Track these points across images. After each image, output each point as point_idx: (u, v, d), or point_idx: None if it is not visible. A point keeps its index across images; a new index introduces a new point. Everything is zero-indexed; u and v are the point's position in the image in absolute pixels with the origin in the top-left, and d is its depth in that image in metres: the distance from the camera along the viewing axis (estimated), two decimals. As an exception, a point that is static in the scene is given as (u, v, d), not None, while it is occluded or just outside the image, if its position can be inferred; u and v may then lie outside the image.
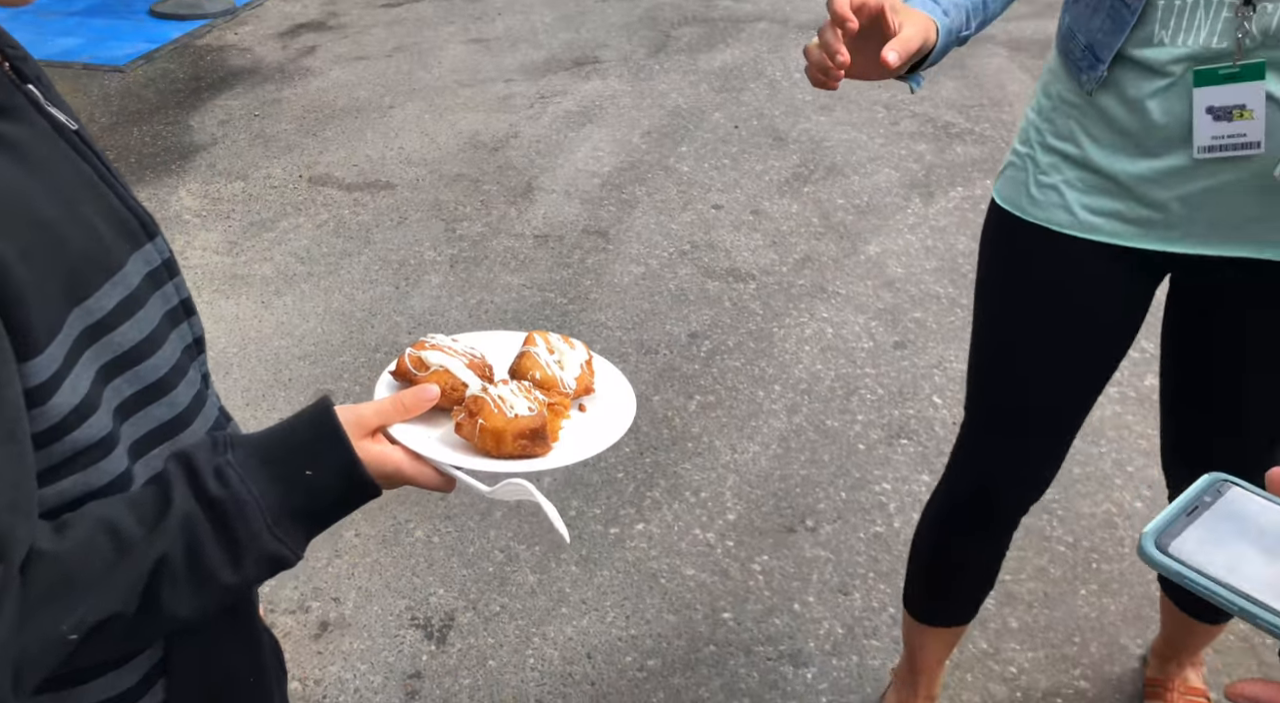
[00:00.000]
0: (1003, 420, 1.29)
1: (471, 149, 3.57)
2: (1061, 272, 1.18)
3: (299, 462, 0.66)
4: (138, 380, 0.67)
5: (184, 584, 0.61)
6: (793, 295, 2.73)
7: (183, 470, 0.64)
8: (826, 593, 1.86)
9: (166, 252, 0.71)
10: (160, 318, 0.69)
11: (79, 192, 0.65)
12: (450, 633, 1.83)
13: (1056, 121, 1.15)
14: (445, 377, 0.77)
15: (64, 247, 0.61)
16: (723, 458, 2.20)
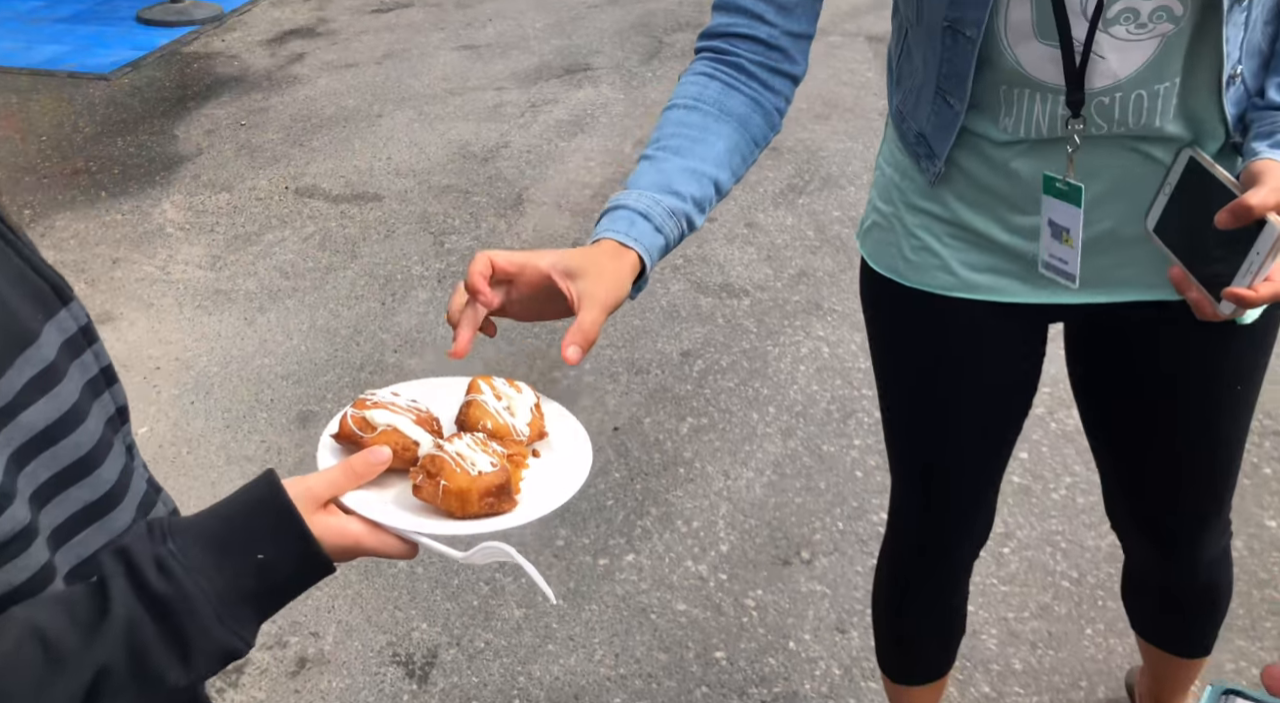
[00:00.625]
0: (916, 481, 1.25)
1: (461, 159, 3.50)
2: (949, 335, 1.10)
3: (248, 545, 0.61)
4: (55, 462, 0.61)
5: (128, 692, 0.56)
6: (788, 312, 2.66)
7: (121, 566, 0.58)
8: (823, 631, 1.79)
9: (84, 317, 0.66)
10: (80, 390, 0.63)
11: None
12: (433, 671, 1.77)
13: (917, 179, 1.05)
14: (394, 436, 0.72)
15: None
16: (715, 485, 2.13)
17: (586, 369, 2.49)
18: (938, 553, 1.29)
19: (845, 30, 4.44)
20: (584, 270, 0.81)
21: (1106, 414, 1.20)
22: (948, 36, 0.93)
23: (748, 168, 0.98)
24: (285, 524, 0.61)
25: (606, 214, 0.89)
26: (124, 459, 0.67)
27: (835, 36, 4.34)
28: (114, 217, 3.27)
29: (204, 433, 2.36)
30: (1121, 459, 1.22)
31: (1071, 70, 0.90)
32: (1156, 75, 0.90)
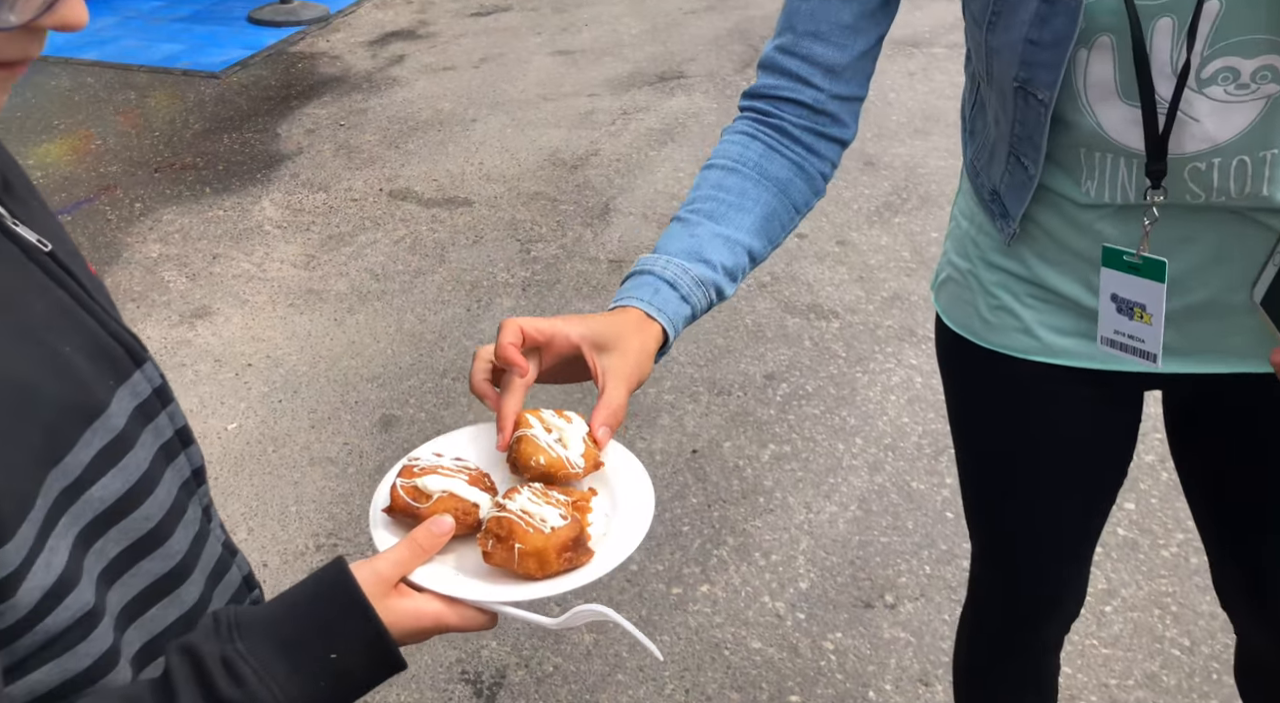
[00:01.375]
0: (996, 555, 1.15)
1: (551, 166, 3.50)
2: (1030, 401, 1.01)
3: (320, 644, 0.57)
4: (125, 536, 0.58)
5: None
6: (879, 337, 2.57)
7: (189, 669, 0.55)
8: (905, 682, 1.71)
9: (158, 379, 0.63)
10: (152, 456, 0.61)
11: (53, 325, 0.56)
12: (500, 692, 1.75)
13: (994, 235, 0.97)
14: (452, 502, 0.68)
15: (36, 403, 0.53)
16: (796, 517, 2.06)
17: (666, 387, 2.45)
18: (1022, 630, 1.20)
19: (949, 42, 4.29)
20: (611, 344, 0.79)
21: (1217, 483, 1.09)
22: (1019, 97, 0.85)
23: (787, 234, 0.93)
24: (357, 617, 0.58)
25: (633, 278, 0.85)
26: (198, 525, 0.65)
27: (938, 48, 4.20)
28: (216, 213, 3.37)
29: (289, 432, 2.40)
30: (1233, 532, 1.11)
31: (1153, 136, 0.81)
32: (1263, 140, 0.80)
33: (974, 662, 1.28)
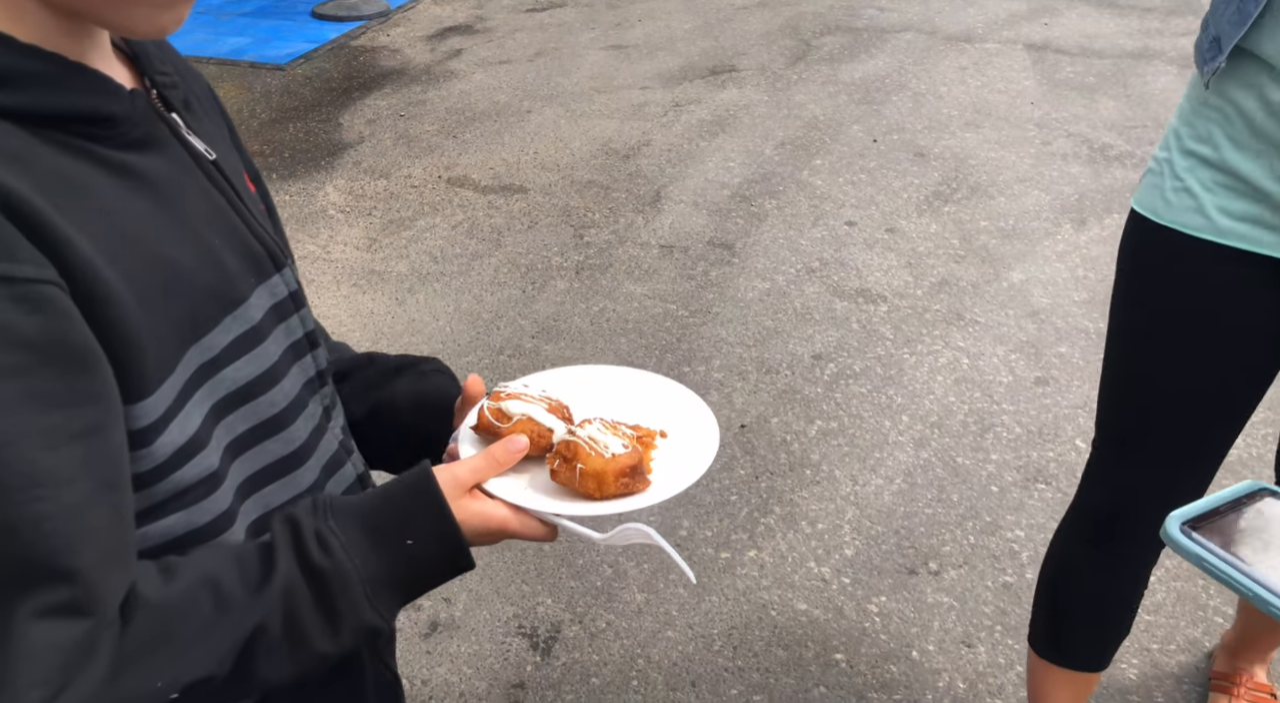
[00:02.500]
0: (1134, 446, 1.21)
1: (603, 156, 3.58)
2: (1194, 279, 1.11)
3: (399, 531, 0.64)
4: (252, 416, 0.66)
5: (279, 652, 0.60)
6: (927, 321, 2.61)
7: (289, 535, 0.62)
8: (948, 643, 1.75)
9: (294, 283, 0.70)
10: (282, 352, 0.68)
11: (209, 222, 0.64)
12: (555, 645, 1.83)
13: (1196, 124, 1.10)
14: (529, 424, 0.75)
15: (186, 283, 0.60)
16: (843, 489, 2.11)
17: (715, 366, 2.51)
18: (1129, 520, 1.24)
19: (1002, 38, 4.30)
20: None
21: None
22: None
23: None
24: (434, 512, 0.65)
25: None
26: (317, 420, 0.72)
27: (991, 43, 4.21)
28: (282, 198, 3.51)
29: (354, 402, 2.51)
30: None
31: None
32: None
33: (1064, 564, 1.33)
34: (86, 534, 0.53)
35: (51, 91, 0.56)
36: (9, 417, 0.50)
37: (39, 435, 0.51)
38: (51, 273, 0.52)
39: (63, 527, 0.52)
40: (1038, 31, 4.36)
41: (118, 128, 0.59)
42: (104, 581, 0.54)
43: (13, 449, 0.50)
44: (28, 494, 0.51)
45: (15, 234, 0.51)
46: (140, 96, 0.62)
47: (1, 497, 0.50)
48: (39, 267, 0.51)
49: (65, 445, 0.52)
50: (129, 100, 0.60)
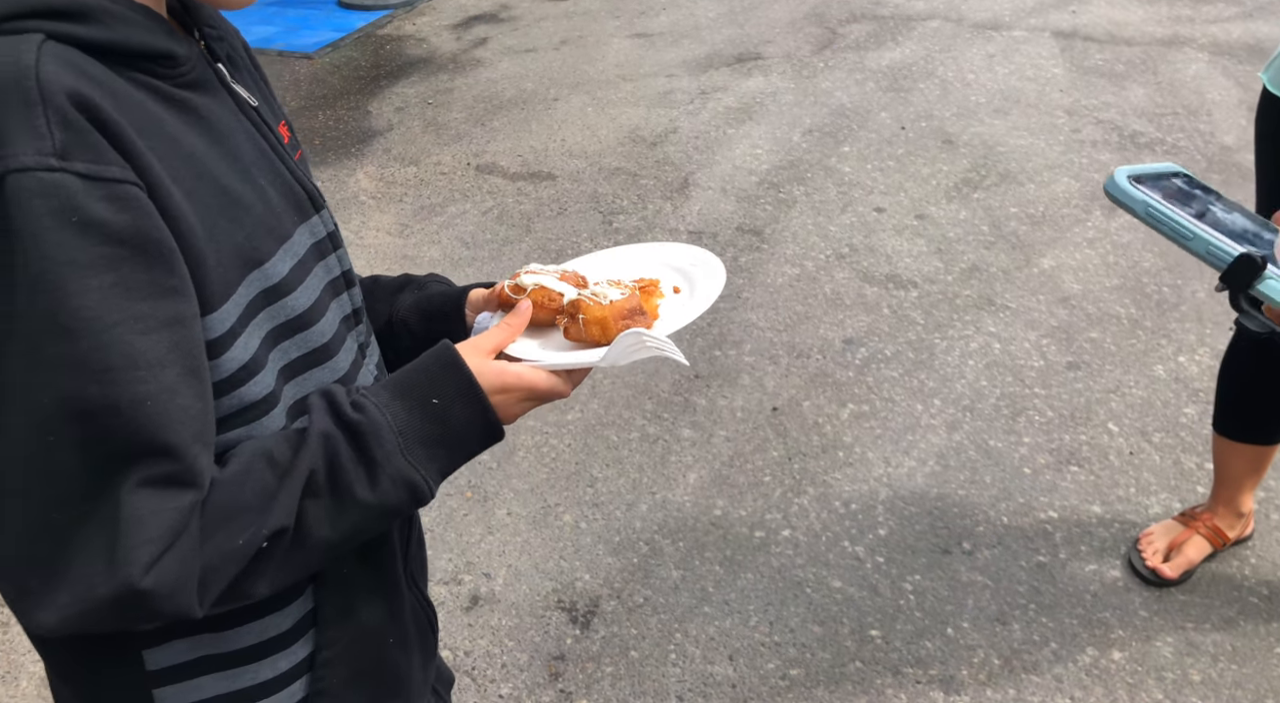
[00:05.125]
0: None
1: (631, 143, 3.60)
2: None
3: (425, 391, 0.69)
4: (304, 345, 0.70)
5: (327, 500, 0.64)
6: (957, 307, 2.62)
7: (323, 401, 0.68)
8: (983, 620, 1.78)
9: (332, 224, 0.75)
10: (323, 287, 0.72)
11: (256, 162, 0.69)
12: (594, 619, 1.86)
13: None
14: (542, 292, 0.82)
15: (244, 213, 0.65)
16: (875, 471, 2.13)
17: (746, 350, 2.54)
18: None
19: (1030, 25, 4.28)
20: None
21: None
22: None
23: None
24: (454, 372, 0.70)
25: None
26: (354, 355, 0.77)
27: (1019, 31, 4.19)
28: (315, 184, 3.55)
29: (390, 384, 2.54)
30: None
31: None
32: None
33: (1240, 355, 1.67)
34: (180, 414, 0.58)
35: (130, 29, 0.61)
36: (106, 305, 0.54)
37: (133, 322, 0.55)
38: (134, 175, 0.56)
39: (161, 406, 0.56)
40: (1065, 19, 4.34)
41: (179, 67, 0.64)
42: (197, 457, 0.59)
43: (112, 334, 0.54)
44: (130, 375, 0.55)
45: (102, 140, 0.55)
46: (193, 44, 0.68)
47: (106, 378, 0.54)
48: (123, 169, 0.56)
49: (155, 332, 0.56)
50: (188, 44, 0.66)
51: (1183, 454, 2.10)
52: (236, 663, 0.71)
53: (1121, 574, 1.84)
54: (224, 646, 0.70)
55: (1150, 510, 1.97)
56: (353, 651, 0.76)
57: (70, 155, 0.54)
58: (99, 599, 0.56)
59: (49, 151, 0.53)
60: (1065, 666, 1.68)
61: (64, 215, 0.53)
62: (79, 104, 0.55)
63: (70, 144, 0.54)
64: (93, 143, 0.55)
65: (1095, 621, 1.76)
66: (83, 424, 0.55)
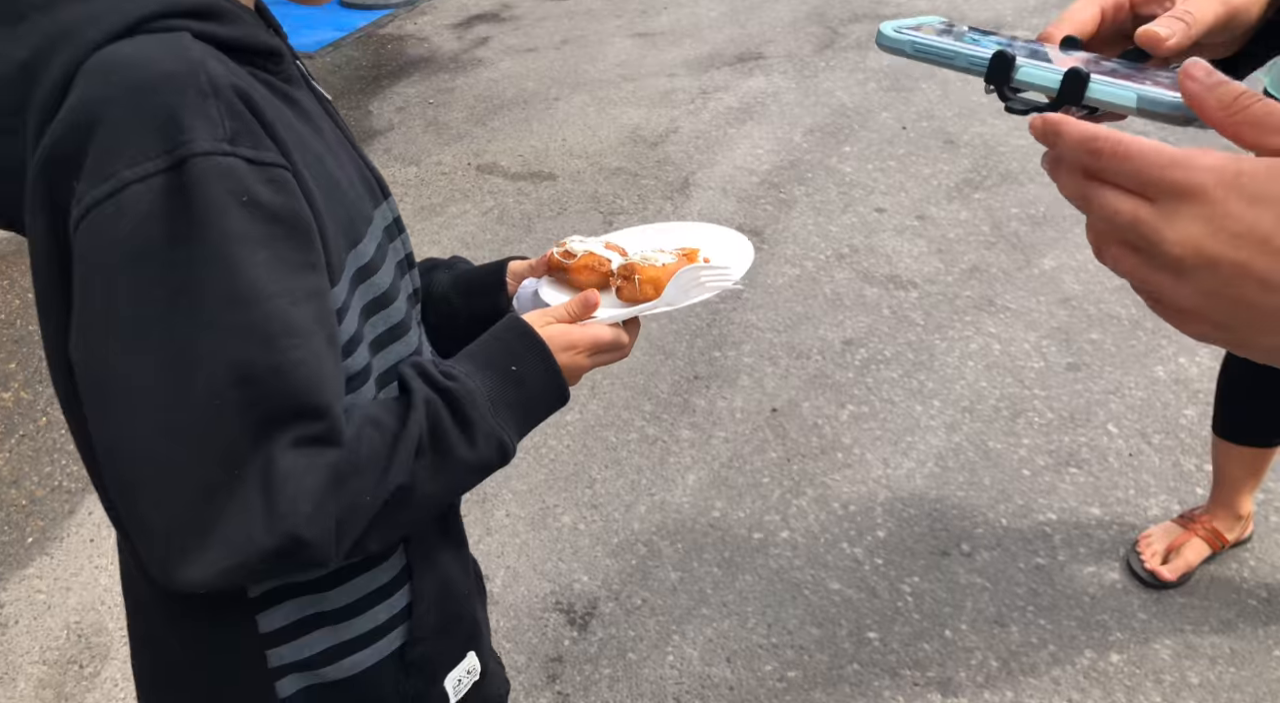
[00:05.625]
0: None
1: (631, 143, 3.60)
2: None
3: (504, 360, 0.76)
4: (387, 321, 0.75)
5: (431, 458, 0.69)
6: (958, 307, 2.61)
7: (416, 371, 0.73)
8: (981, 623, 1.77)
9: (396, 211, 0.80)
10: (394, 267, 0.77)
11: (340, 151, 0.73)
12: (592, 621, 1.86)
13: None
14: (590, 258, 0.88)
15: (343, 195, 0.70)
16: (874, 472, 2.13)
17: (745, 351, 2.53)
18: None
19: (1032, 25, 4.27)
20: None
21: None
22: None
23: None
24: (528, 341, 0.77)
25: None
26: (418, 331, 0.82)
27: (1021, 31, 4.18)
28: (316, 184, 3.56)
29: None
30: None
31: None
32: None
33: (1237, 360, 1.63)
34: (328, 378, 0.63)
35: (251, 28, 0.66)
36: (269, 278, 0.59)
37: (288, 294, 0.60)
38: (284, 160, 0.62)
39: (314, 371, 0.61)
40: (1067, 18, 4.33)
41: (283, 64, 0.70)
42: (339, 418, 0.64)
43: (272, 304, 0.59)
44: (288, 342, 0.60)
45: (259, 128, 0.61)
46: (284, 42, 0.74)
47: (268, 344, 0.59)
48: (277, 154, 0.61)
49: (304, 303, 0.61)
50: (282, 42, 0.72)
51: (1182, 456, 2.09)
52: (342, 618, 0.77)
53: (1120, 577, 1.84)
54: (330, 604, 0.76)
55: (1149, 513, 1.97)
56: (439, 601, 0.82)
57: (238, 141, 0.59)
58: (258, 551, 0.59)
59: (222, 138, 0.58)
60: (1063, 668, 1.68)
61: (236, 196, 0.58)
62: (240, 96, 0.60)
63: (238, 131, 0.59)
64: (254, 130, 0.60)
65: (1093, 623, 1.76)
66: (247, 387, 0.59)
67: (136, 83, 0.57)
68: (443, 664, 0.83)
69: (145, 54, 0.58)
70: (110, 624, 1.90)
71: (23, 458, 2.31)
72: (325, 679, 0.77)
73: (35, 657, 1.84)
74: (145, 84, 0.57)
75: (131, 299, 0.58)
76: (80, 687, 1.78)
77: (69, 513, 2.16)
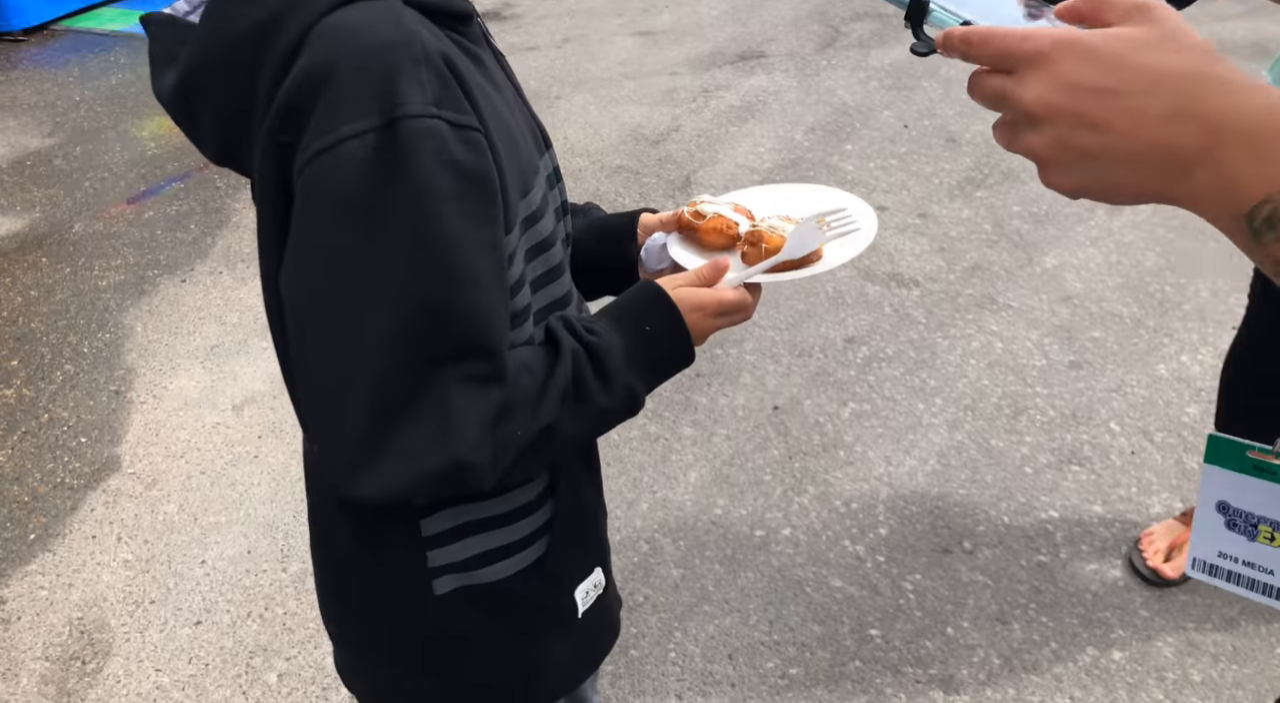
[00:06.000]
0: None
1: (633, 141, 3.60)
2: None
3: (638, 320, 0.82)
4: (546, 263, 0.82)
5: (574, 403, 0.76)
6: (960, 305, 2.61)
7: (563, 326, 0.80)
8: (983, 620, 1.77)
9: (556, 161, 0.87)
10: (553, 214, 0.84)
11: (515, 105, 0.80)
12: (593, 618, 1.86)
13: None
14: (719, 220, 0.93)
15: (518, 148, 0.76)
16: (876, 470, 2.13)
17: (747, 349, 2.53)
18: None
19: (1033, 22, 4.27)
20: None
21: None
22: None
23: None
24: (659, 303, 0.83)
25: None
26: (568, 272, 0.89)
27: None
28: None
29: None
30: None
31: None
32: None
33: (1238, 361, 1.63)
34: (499, 323, 0.71)
35: None
36: (460, 229, 0.67)
37: (475, 245, 0.68)
38: (479, 123, 0.68)
39: (487, 315, 0.69)
40: (1070, 17, 4.33)
41: (471, 26, 0.76)
42: (506, 359, 0.72)
43: (459, 252, 0.67)
44: (470, 288, 0.68)
45: (460, 93, 0.67)
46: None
47: (453, 287, 0.67)
48: (473, 117, 0.68)
49: (487, 254, 0.69)
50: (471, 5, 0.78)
51: (1185, 454, 2.09)
52: (492, 527, 0.85)
53: (1122, 574, 1.84)
54: (484, 512, 0.84)
55: (1151, 510, 1.97)
56: (575, 521, 0.90)
57: (443, 105, 0.65)
58: (426, 473, 0.68)
59: (430, 101, 0.65)
60: (1065, 665, 1.68)
61: (439, 155, 0.65)
62: (446, 62, 0.67)
63: (443, 97, 0.66)
64: (456, 95, 0.67)
65: (1096, 620, 1.75)
66: (431, 323, 0.67)
67: (361, 48, 0.64)
68: (574, 576, 0.92)
69: (369, 22, 0.65)
70: (112, 621, 1.90)
71: (25, 455, 2.32)
72: (476, 581, 0.86)
73: (38, 653, 1.84)
74: (368, 50, 0.64)
75: (337, 237, 0.66)
76: (82, 683, 1.78)
77: (71, 510, 2.16)
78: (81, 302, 2.87)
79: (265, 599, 1.92)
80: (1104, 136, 0.44)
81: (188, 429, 2.37)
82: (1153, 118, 0.44)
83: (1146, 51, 0.44)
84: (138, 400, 2.48)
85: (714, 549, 1.97)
